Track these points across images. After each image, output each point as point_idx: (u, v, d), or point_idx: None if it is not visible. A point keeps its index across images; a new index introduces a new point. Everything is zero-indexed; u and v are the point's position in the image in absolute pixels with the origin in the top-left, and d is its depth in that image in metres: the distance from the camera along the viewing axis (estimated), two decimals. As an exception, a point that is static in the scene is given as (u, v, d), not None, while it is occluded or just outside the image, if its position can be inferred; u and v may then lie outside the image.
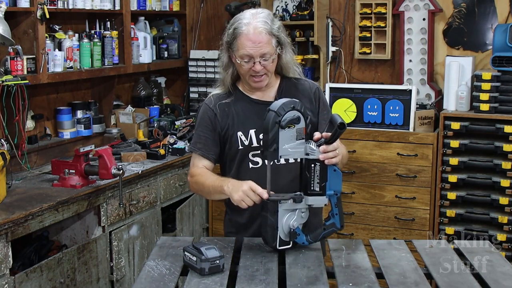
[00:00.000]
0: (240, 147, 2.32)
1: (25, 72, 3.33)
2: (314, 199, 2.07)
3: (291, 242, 2.09)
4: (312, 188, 2.06)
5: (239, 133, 2.33)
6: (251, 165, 2.32)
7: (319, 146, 2.05)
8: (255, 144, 2.32)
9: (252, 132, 2.32)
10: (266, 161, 2.10)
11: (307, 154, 2.05)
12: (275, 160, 2.15)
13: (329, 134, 2.04)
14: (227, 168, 2.41)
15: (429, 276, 2.00)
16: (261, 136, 2.20)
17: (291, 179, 2.26)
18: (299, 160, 2.14)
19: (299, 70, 2.45)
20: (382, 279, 1.96)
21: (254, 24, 2.23)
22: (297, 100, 2.10)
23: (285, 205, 2.06)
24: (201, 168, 2.35)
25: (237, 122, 2.34)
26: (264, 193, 2.05)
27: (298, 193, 2.09)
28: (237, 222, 2.41)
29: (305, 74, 3.07)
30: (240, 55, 2.26)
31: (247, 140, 2.32)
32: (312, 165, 2.05)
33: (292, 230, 2.07)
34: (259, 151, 2.23)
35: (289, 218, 2.07)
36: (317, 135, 2.08)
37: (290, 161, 2.31)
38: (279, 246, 2.07)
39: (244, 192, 2.08)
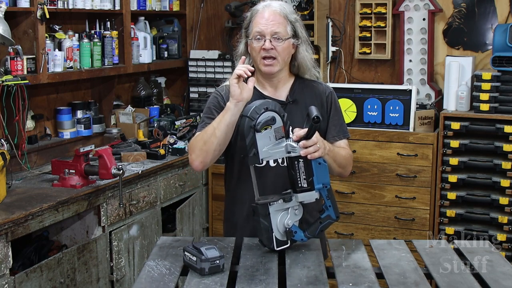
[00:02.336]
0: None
1: (25, 72, 3.33)
2: (304, 196, 2.05)
3: (289, 241, 2.09)
4: (299, 185, 2.04)
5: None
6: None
7: (299, 142, 2.03)
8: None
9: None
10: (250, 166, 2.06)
11: (289, 152, 2.03)
12: (258, 164, 2.10)
13: (306, 130, 2.01)
14: (230, 166, 2.38)
15: (429, 276, 2.00)
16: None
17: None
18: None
19: (318, 75, 2.43)
20: (382, 279, 1.96)
21: (270, 5, 2.29)
22: (270, 100, 2.08)
23: (275, 206, 2.04)
24: None
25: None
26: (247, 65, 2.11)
27: (289, 190, 2.07)
28: (234, 221, 2.40)
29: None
30: (253, 33, 2.27)
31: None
32: (296, 162, 2.03)
33: (287, 229, 2.06)
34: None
35: (283, 217, 2.05)
36: (296, 132, 2.05)
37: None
38: (277, 247, 2.06)
39: (234, 72, 2.11)
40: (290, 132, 2.11)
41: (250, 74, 2.11)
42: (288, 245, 2.09)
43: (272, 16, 2.26)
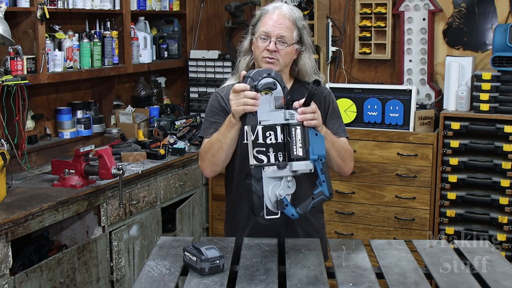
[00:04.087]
0: (245, 141, 2.29)
1: (25, 72, 3.33)
2: (298, 164, 2.02)
3: (279, 213, 2.03)
4: (295, 152, 2.02)
5: (246, 127, 2.31)
6: (255, 162, 2.29)
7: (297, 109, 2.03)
8: (260, 140, 2.29)
9: (259, 128, 2.28)
10: (246, 127, 2.06)
11: (287, 120, 2.03)
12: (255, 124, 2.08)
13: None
14: (231, 168, 2.38)
15: (429, 276, 2.00)
16: (267, 133, 2.18)
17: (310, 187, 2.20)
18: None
19: (320, 80, 2.43)
20: (382, 279, 1.96)
21: (281, 8, 2.30)
22: (273, 70, 2.10)
23: (268, 171, 2.01)
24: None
25: (246, 116, 2.31)
26: (246, 86, 2.02)
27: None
28: (235, 222, 2.40)
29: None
30: (259, 33, 2.28)
31: (253, 135, 2.29)
32: (293, 129, 2.03)
33: (279, 199, 2.02)
34: (264, 148, 2.21)
35: (275, 186, 2.02)
36: (296, 102, 2.06)
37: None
38: (267, 216, 2.01)
39: (232, 99, 2.05)
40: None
41: (259, 104, 2.04)
42: (278, 216, 2.03)
43: (281, 19, 2.27)
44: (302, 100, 2.04)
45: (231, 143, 2.21)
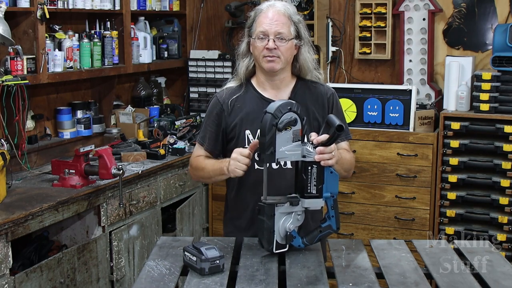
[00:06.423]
0: (247, 145, 2.29)
1: (25, 72, 3.33)
2: (310, 202, 2.06)
3: (287, 245, 2.09)
4: (309, 190, 2.05)
5: (247, 132, 2.31)
6: (256, 166, 2.29)
7: (315, 148, 2.03)
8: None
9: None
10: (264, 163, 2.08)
11: (304, 157, 2.03)
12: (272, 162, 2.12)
13: (326, 136, 2.02)
14: None
15: (429, 276, 2.01)
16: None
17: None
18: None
19: (320, 76, 2.44)
20: (382, 279, 1.97)
21: (275, 5, 2.31)
22: (294, 102, 2.09)
23: (281, 208, 2.04)
24: (200, 156, 2.41)
25: (246, 120, 2.32)
26: (249, 151, 2.12)
27: (294, 195, 2.08)
28: (237, 224, 2.40)
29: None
30: (257, 33, 2.28)
31: (255, 139, 2.29)
32: (309, 168, 2.04)
33: (288, 233, 2.06)
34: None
35: (285, 221, 2.06)
36: (313, 136, 2.06)
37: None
38: (276, 250, 2.06)
39: (233, 160, 2.14)
40: (306, 137, 2.11)
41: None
42: (286, 249, 2.09)
43: (276, 16, 2.27)
44: (321, 138, 2.03)
45: (220, 179, 2.34)
